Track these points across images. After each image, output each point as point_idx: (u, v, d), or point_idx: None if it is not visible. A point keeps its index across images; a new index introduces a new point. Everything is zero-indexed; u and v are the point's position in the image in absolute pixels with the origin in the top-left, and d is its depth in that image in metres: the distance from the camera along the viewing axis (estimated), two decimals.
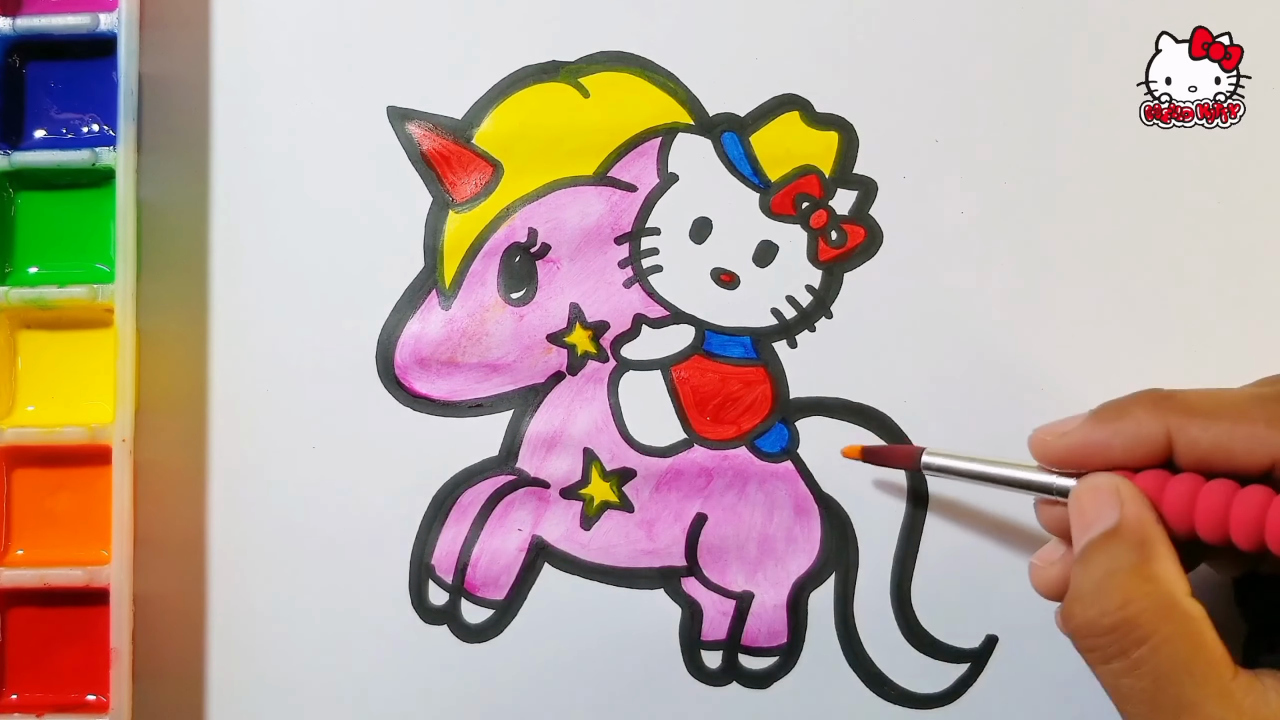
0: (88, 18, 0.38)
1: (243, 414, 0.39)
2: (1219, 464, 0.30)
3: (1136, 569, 0.30)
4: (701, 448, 0.39)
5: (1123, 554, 0.30)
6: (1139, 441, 0.31)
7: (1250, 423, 0.30)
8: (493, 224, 0.40)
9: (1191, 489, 0.31)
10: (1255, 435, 0.30)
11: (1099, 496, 0.31)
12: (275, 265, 0.40)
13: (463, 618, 0.39)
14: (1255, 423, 0.30)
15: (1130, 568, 0.30)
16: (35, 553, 0.38)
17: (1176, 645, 0.29)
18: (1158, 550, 0.30)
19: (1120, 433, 0.32)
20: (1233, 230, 0.39)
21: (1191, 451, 0.31)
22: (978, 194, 0.39)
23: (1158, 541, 0.30)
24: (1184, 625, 0.29)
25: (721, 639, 0.39)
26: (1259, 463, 0.30)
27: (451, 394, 0.39)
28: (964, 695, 0.38)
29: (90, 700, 0.38)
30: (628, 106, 0.40)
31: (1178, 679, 0.29)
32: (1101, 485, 0.31)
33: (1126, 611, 0.29)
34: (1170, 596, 0.29)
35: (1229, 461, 0.30)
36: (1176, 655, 0.29)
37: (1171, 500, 0.31)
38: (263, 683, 0.39)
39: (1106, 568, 0.30)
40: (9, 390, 0.39)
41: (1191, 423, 0.31)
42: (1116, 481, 0.31)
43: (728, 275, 0.40)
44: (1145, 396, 0.32)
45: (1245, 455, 0.30)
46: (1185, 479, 0.31)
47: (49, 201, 0.39)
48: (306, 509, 0.39)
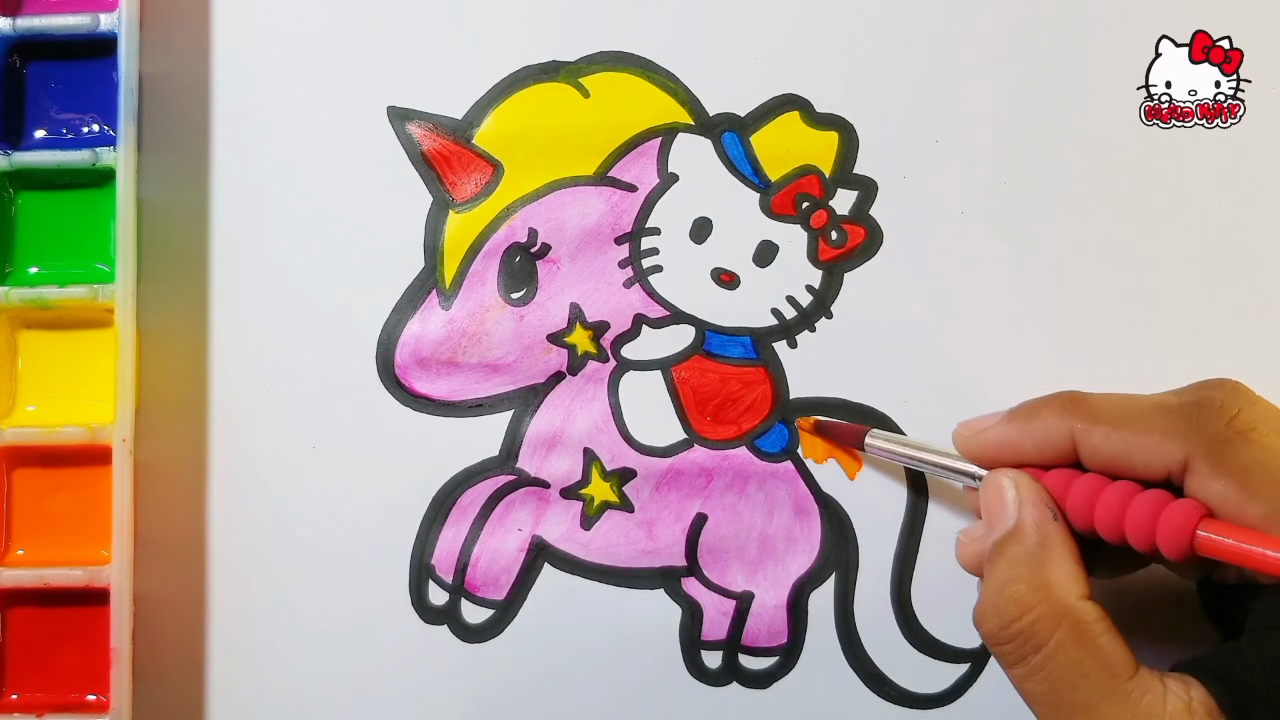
0: (88, 18, 0.38)
1: (243, 414, 0.39)
2: (1121, 470, 0.32)
3: (1030, 577, 0.31)
4: (701, 448, 0.39)
5: (1019, 559, 0.31)
6: (1046, 443, 0.33)
7: (1149, 433, 0.31)
8: (493, 224, 0.40)
9: (1093, 489, 0.31)
10: (1152, 445, 0.31)
11: (998, 494, 0.33)
12: (275, 265, 0.40)
13: (463, 618, 0.39)
14: (1153, 433, 0.31)
15: (1025, 577, 0.31)
16: (35, 553, 0.38)
17: (1069, 649, 0.30)
18: (1053, 553, 0.31)
19: (1029, 434, 0.33)
20: (1233, 230, 0.39)
21: (1094, 457, 0.32)
22: (978, 194, 0.39)
23: (1054, 543, 0.31)
24: (1076, 629, 0.30)
25: (721, 639, 0.39)
26: (1156, 472, 0.31)
27: (451, 394, 0.39)
28: (964, 695, 0.38)
29: (90, 700, 0.38)
30: (628, 106, 0.40)
31: (1072, 682, 0.30)
32: (1000, 483, 0.33)
33: (1022, 622, 0.30)
34: (1062, 602, 0.30)
35: (1130, 468, 0.31)
36: (1070, 659, 0.30)
37: (1074, 499, 0.32)
38: (263, 683, 0.39)
39: (1005, 577, 0.31)
40: (9, 390, 0.39)
41: (1095, 429, 0.32)
42: (1015, 478, 0.33)
43: (728, 275, 0.40)
44: (1056, 399, 0.33)
45: (1143, 464, 0.31)
46: (1089, 479, 0.32)
47: (49, 201, 0.39)
48: (306, 509, 0.39)
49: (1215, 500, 0.30)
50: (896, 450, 0.37)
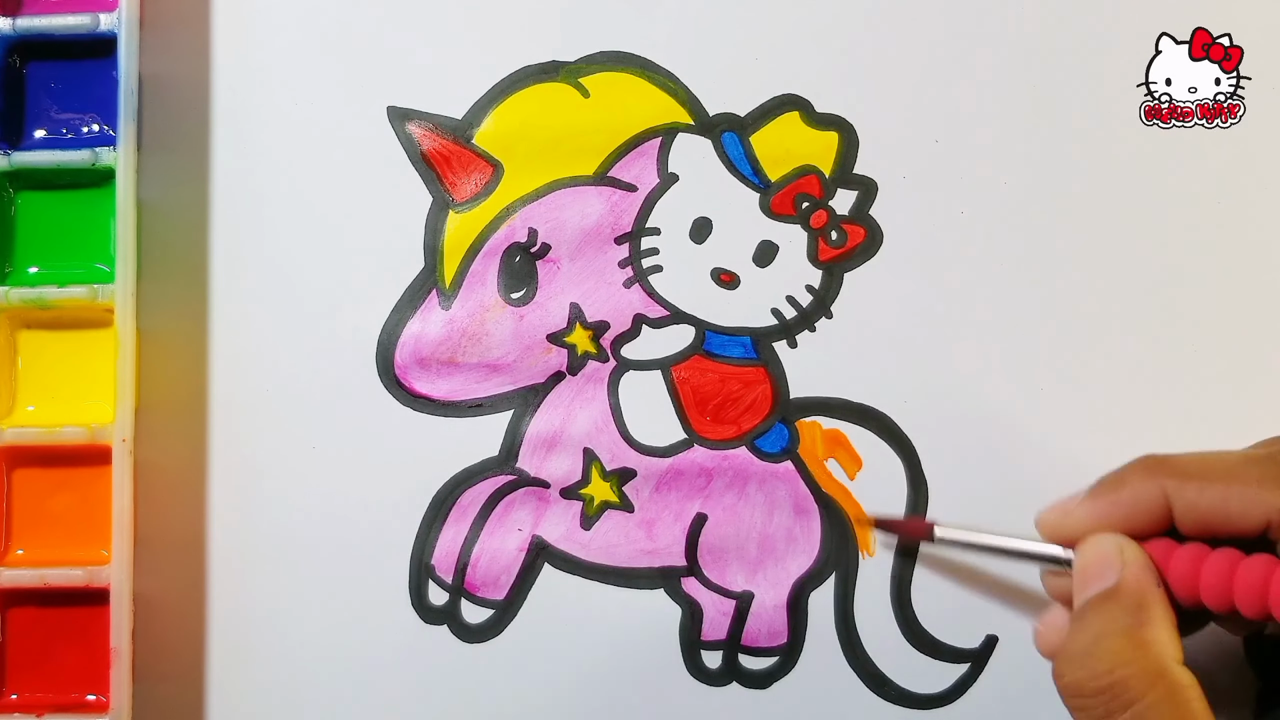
0: (88, 18, 0.38)
1: (243, 414, 0.39)
2: (1217, 526, 0.31)
3: (1129, 633, 0.30)
4: (701, 448, 0.39)
5: (1118, 616, 0.31)
6: (1138, 509, 0.32)
7: (1243, 484, 0.31)
8: (493, 224, 0.40)
9: (1196, 557, 0.31)
10: (1248, 496, 0.31)
11: (1101, 556, 0.32)
12: (275, 265, 0.40)
13: (463, 618, 0.39)
14: (1248, 484, 0.31)
15: (1123, 631, 0.30)
16: (35, 553, 0.38)
17: (1161, 712, 0.29)
18: (1153, 614, 0.31)
19: (1119, 503, 0.32)
20: (1233, 230, 0.39)
21: (1189, 514, 0.31)
22: (978, 194, 0.39)
23: (1154, 605, 0.31)
24: (1171, 693, 0.29)
25: (721, 639, 0.39)
26: (1254, 523, 0.31)
27: (451, 394, 0.39)
28: (964, 695, 0.38)
29: (90, 700, 0.38)
30: (628, 106, 0.40)
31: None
32: (1105, 545, 0.32)
33: (1114, 676, 0.30)
34: (1160, 662, 0.30)
35: (1226, 523, 0.31)
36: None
37: (1176, 568, 0.31)
38: (263, 683, 0.39)
39: (1100, 629, 0.31)
40: (9, 390, 0.39)
41: (1187, 486, 0.31)
42: (1121, 542, 0.32)
43: (728, 275, 0.40)
44: (1140, 464, 0.33)
45: (1240, 516, 0.31)
46: (1190, 548, 0.31)
47: (49, 201, 0.39)
48: (306, 509, 0.39)
49: None
50: (969, 540, 0.36)
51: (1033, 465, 0.39)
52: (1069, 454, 0.39)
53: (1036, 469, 0.39)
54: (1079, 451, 0.39)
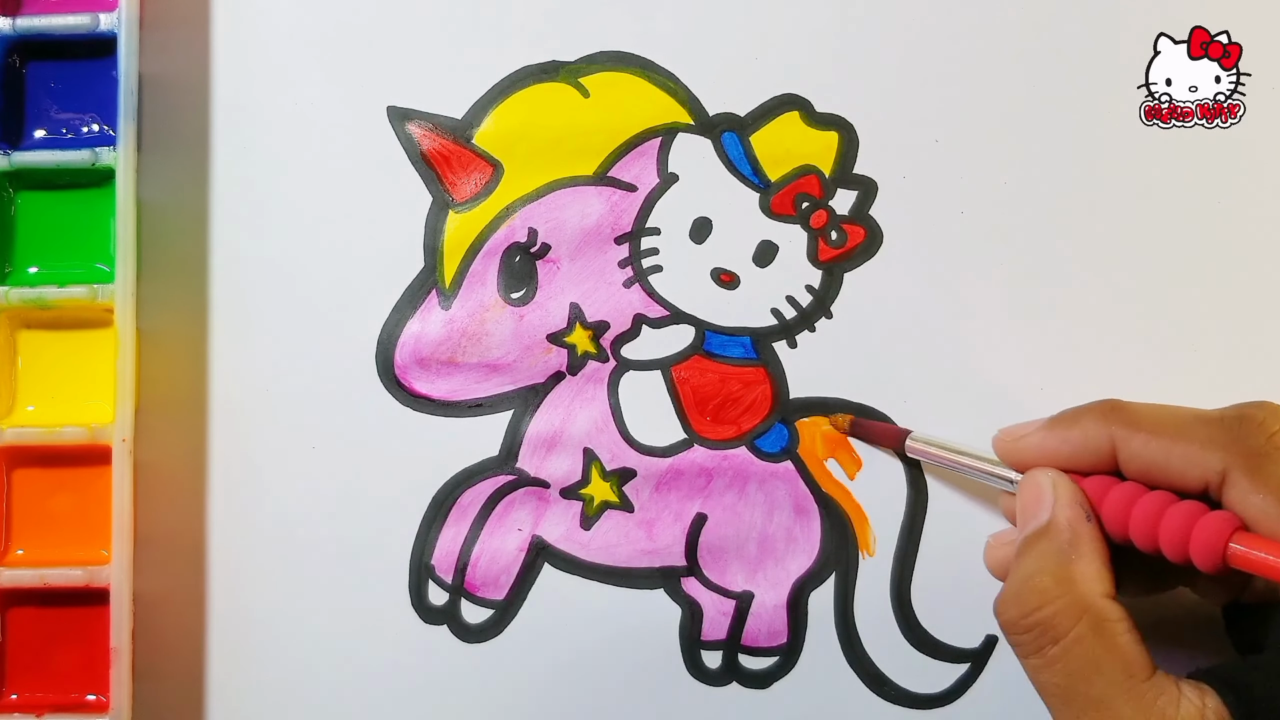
0: (88, 18, 0.38)
1: (243, 414, 0.39)
2: (1158, 478, 0.32)
3: (1057, 569, 0.31)
4: (701, 448, 0.39)
5: (1048, 552, 0.32)
6: (1086, 449, 0.33)
7: (1188, 442, 0.31)
8: (493, 224, 0.40)
9: (1130, 496, 0.32)
10: (1191, 454, 0.31)
11: (1035, 492, 0.33)
12: (275, 265, 0.40)
13: (463, 618, 0.39)
14: (1193, 442, 0.31)
15: (1051, 569, 0.31)
16: (35, 553, 0.38)
17: (1088, 644, 0.30)
18: (1082, 550, 0.31)
19: (1069, 440, 0.33)
20: (1233, 230, 0.39)
21: (1133, 463, 0.32)
22: (978, 194, 0.39)
23: (1083, 540, 0.32)
24: (1096, 625, 0.30)
25: (721, 639, 0.39)
26: (1193, 481, 0.31)
27: (451, 394, 0.39)
28: (964, 695, 0.38)
29: (90, 700, 0.38)
30: (628, 106, 0.40)
31: (1088, 676, 0.30)
32: (1039, 481, 0.33)
33: (1043, 613, 0.31)
34: (1085, 598, 0.31)
35: (1166, 477, 0.32)
36: (1087, 654, 0.30)
37: (1110, 505, 0.32)
38: (263, 683, 0.39)
39: (1032, 568, 0.32)
40: (9, 390, 0.39)
41: (1135, 436, 0.32)
42: (1053, 477, 0.33)
43: (728, 275, 0.40)
44: (1097, 407, 0.33)
45: (1180, 473, 0.31)
46: (1126, 486, 0.32)
47: (49, 201, 0.39)
48: (306, 509, 0.39)
49: (1252, 514, 0.30)
50: (936, 452, 0.37)
51: None
52: None
53: None
54: None
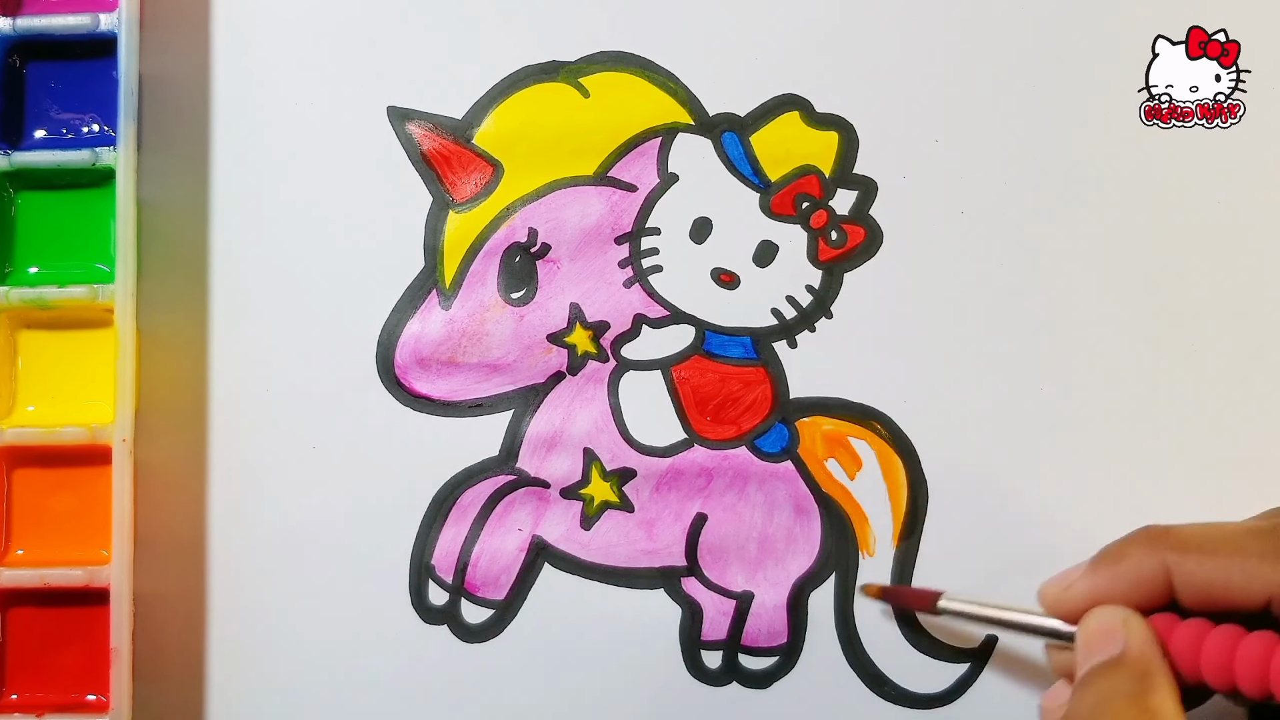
0: (88, 18, 0.38)
1: (243, 414, 0.39)
2: (1219, 599, 0.31)
3: (1134, 697, 0.30)
4: (701, 448, 0.39)
5: (1123, 683, 0.30)
6: (1140, 582, 0.32)
7: (1245, 557, 0.30)
8: (493, 224, 0.40)
9: (1198, 633, 0.30)
10: (1249, 570, 0.30)
11: (1106, 626, 0.31)
12: (275, 265, 0.40)
13: (463, 618, 0.39)
14: (1249, 557, 0.30)
15: (1128, 696, 0.30)
16: (35, 553, 0.38)
17: None
18: (1158, 683, 0.30)
19: (1121, 576, 0.32)
20: (1233, 230, 0.39)
21: (1190, 587, 0.31)
22: (978, 194, 0.39)
23: (1159, 675, 0.30)
24: None
25: (721, 639, 0.39)
26: (1255, 598, 0.30)
27: (451, 394, 0.39)
28: (964, 695, 0.38)
29: (90, 700, 0.38)
30: (628, 106, 0.40)
31: None
32: (1108, 617, 0.32)
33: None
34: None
35: (1228, 597, 0.30)
36: None
37: (1178, 643, 0.31)
38: (263, 683, 0.39)
39: (1104, 693, 0.30)
40: (9, 390, 0.39)
41: (1187, 558, 0.31)
42: (1125, 614, 0.31)
43: (728, 275, 0.40)
44: (1141, 535, 0.32)
45: (1242, 590, 0.30)
46: (1192, 623, 0.31)
47: (49, 201, 0.39)
48: (306, 509, 0.39)
49: None
50: (975, 613, 0.35)
51: (1033, 465, 0.39)
52: (1068, 454, 0.39)
53: (1036, 468, 0.39)
54: (1078, 451, 0.39)
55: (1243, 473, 0.38)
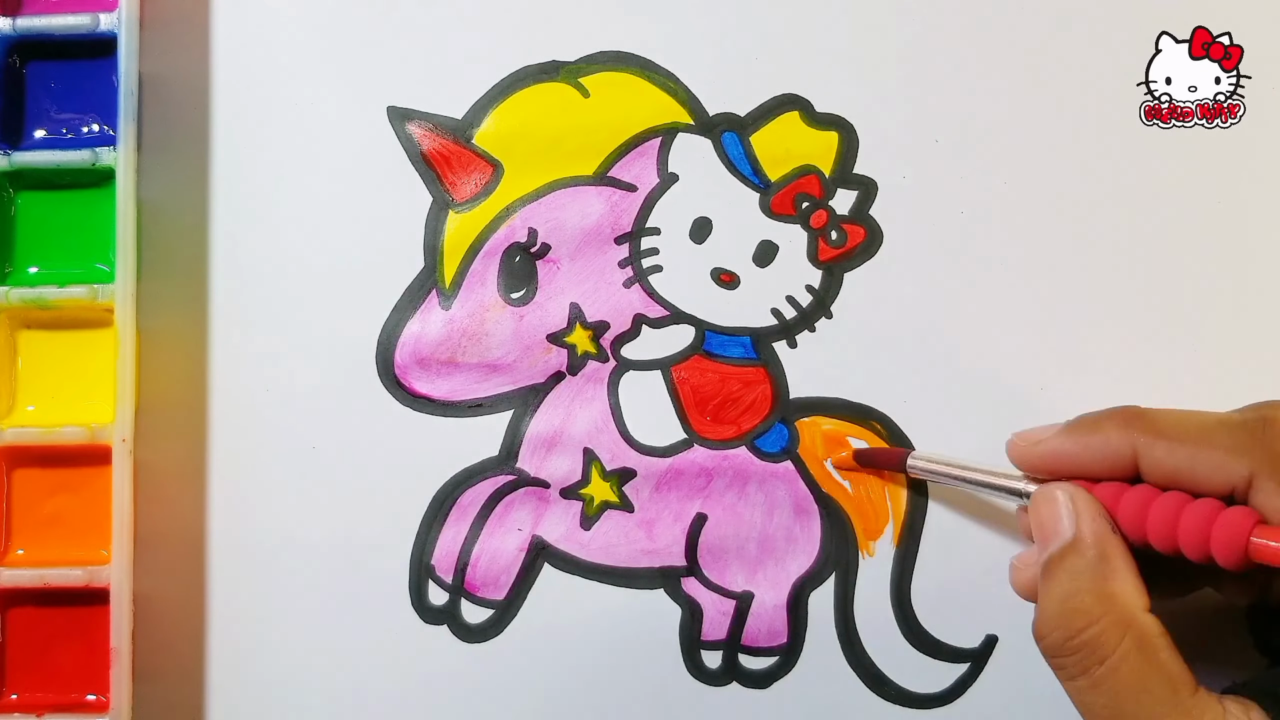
0: (88, 18, 0.38)
1: (243, 414, 0.39)
2: (1182, 484, 0.31)
3: (1096, 588, 0.31)
4: (701, 448, 0.39)
5: (1082, 571, 0.31)
6: (1106, 456, 0.32)
7: (1213, 448, 0.31)
8: (493, 224, 0.40)
9: (1145, 499, 0.31)
10: (1216, 460, 0.31)
11: (1052, 508, 0.32)
12: (275, 265, 0.40)
13: (463, 618, 0.39)
14: (1217, 448, 0.31)
15: (1090, 588, 0.31)
16: (35, 553, 0.38)
17: (1133, 663, 0.30)
18: (1115, 565, 0.31)
19: (1089, 446, 0.33)
20: (1233, 230, 0.39)
21: (1155, 470, 0.32)
22: (978, 194, 0.39)
23: (1115, 555, 0.31)
24: (1141, 642, 0.30)
25: (721, 639, 0.39)
26: (1219, 486, 0.31)
27: (451, 394, 0.39)
28: (964, 695, 0.38)
29: (90, 700, 0.38)
30: (628, 106, 0.40)
31: (1135, 696, 0.30)
32: (1055, 496, 0.32)
33: (1087, 634, 0.30)
34: (1128, 613, 0.30)
35: (1191, 483, 0.31)
36: (1134, 672, 0.30)
37: (1125, 509, 0.31)
38: (263, 683, 0.39)
39: (1068, 588, 0.31)
40: (9, 390, 0.39)
41: (1157, 443, 0.32)
42: (1070, 491, 0.32)
43: (728, 275, 0.40)
44: (1117, 413, 0.33)
45: (1206, 479, 0.31)
46: (1140, 489, 0.32)
47: (49, 201, 0.39)
48: (306, 509, 0.39)
49: (1278, 516, 0.30)
50: (940, 470, 0.36)
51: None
52: None
53: None
54: None
55: None
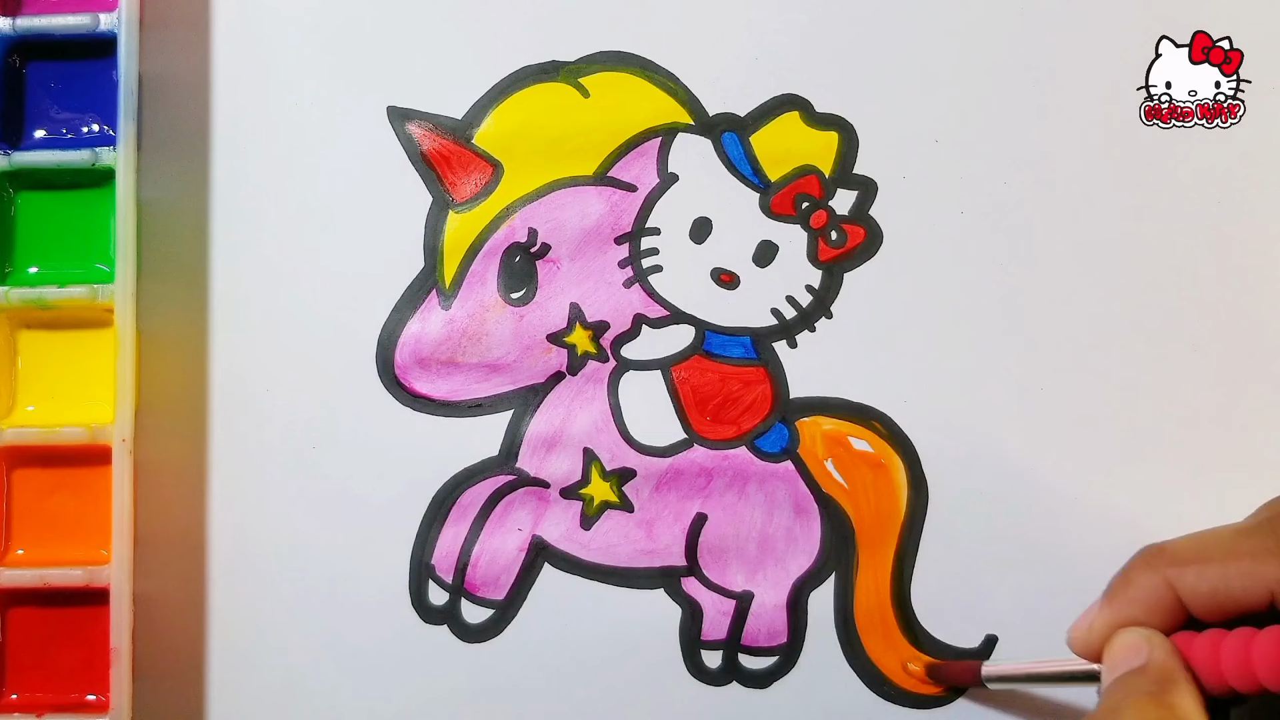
0: (88, 18, 0.38)
1: (243, 414, 0.39)
2: (1225, 605, 0.31)
3: (1155, 696, 0.30)
4: (701, 448, 0.39)
5: (1145, 684, 0.31)
6: (1151, 603, 0.32)
7: (1239, 559, 0.31)
8: (493, 224, 0.40)
9: (1214, 641, 0.31)
10: (1246, 571, 0.31)
11: (1129, 644, 0.32)
12: (275, 265, 0.40)
13: (463, 618, 0.39)
14: (1243, 559, 0.31)
15: (1149, 693, 0.30)
16: (35, 553, 0.38)
17: None
18: (1179, 685, 0.30)
19: (1134, 601, 0.32)
20: (1233, 230, 0.39)
21: (1195, 598, 0.31)
22: (978, 194, 0.39)
23: (1181, 681, 0.30)
24: None
25: (721, 639, 0.39)
26: (1259, 597, 0.31)
27: (451, 394, 0.39)
28: (964, 695, 0.38)
29: (90, 700, 0.38)
30: (628, 106, 0.40)
31: None
32: (1132, 635, 0.32)
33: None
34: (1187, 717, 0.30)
35: (1231, 601, 0.31)
36: None
37: (1198, 653, 0.31)
38: (263, 683, 0.39)
39: (1127, 691, 0.31)
40: (9, 390, 0.39)
41: (1186, 572, 0.31)
42: (1147, 632, 0.32)
43: (728, 275, 0.40)
44: (1140, 558, 0.33)
45: (1244, 592, 0.31)
46: (1208, 634, 0.31)
47: (49, 201, 0.39)
48: (306, 509, 0.39)
49: None
50: (1017, 675, 0.36)
51: (1033, 465, 0.39)
52: (1069, 453, 0.39)
53: (1037, 468, 0.39)
54: (1079, 451, 0.39)
55: (1242, 470, 0.38)
